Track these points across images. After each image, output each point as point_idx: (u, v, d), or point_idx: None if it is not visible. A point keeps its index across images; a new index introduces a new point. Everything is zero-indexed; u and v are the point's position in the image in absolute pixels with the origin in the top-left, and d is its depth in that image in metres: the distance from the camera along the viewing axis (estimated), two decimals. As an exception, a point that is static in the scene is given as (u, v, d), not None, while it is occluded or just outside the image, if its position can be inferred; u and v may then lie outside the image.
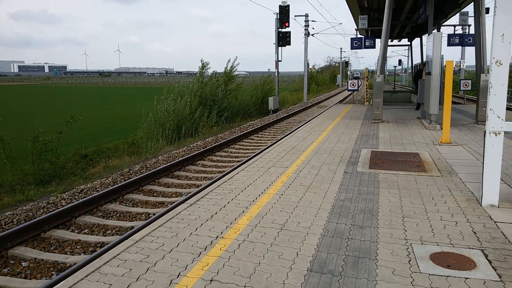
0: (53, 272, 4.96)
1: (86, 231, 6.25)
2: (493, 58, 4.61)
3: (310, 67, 48.44)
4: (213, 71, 23.79)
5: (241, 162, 9.69)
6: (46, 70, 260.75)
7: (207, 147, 12.05)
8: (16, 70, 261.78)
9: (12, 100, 44.64)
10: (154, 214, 6.67)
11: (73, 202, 7.25)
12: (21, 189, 9.27)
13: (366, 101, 22.73)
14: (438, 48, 10.24)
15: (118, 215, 6.91)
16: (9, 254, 5.36)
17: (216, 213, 4.77)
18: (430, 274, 3.30)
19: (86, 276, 3.28)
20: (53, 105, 36.97)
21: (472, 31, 16.24)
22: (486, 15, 13.00)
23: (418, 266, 3.43)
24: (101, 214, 6.92)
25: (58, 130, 11.64)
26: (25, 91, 66.53)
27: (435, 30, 14.49)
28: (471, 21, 16.03)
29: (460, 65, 29.21)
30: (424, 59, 15.72)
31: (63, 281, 3.21)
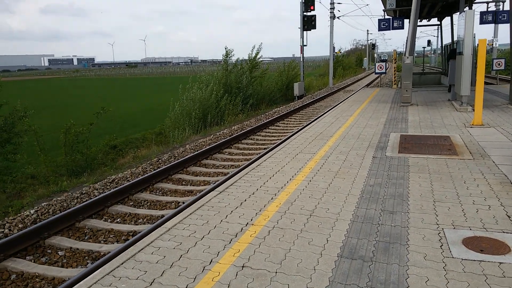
0: (88, 261, 5.13)
1: (118, 220, 6.42)
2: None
3: (336, 50, 47.68)
4: (237, 58, 23.74)
5: (268, 149, 9.70)
6: (75, 62, 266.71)
7: (233, 135, 12.11)
8: (46, 63, 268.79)
9: (44, 94, 45.96)
10: (183, 203, 6.78)
11: (105, 192, 7.45)
12: (54, 180, 9.57)
13: (394, 84, 22.26)
14: (471, 26, 9.88)
15: (148, 204, 7.06)
16: (46, 243, 5.56)
17: (245, 200, 4.82)
18: (463, 259, 3.25)
19: (122, 263, 3.39)
20: (82, 98, 37.86)
21: (506, 7, 15.58)
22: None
23: (450, 251, 3.38)
24: (132, 203, 7.09)
25: (88, 122, 11.92)
26: (55, 84, 68.34)
27: (467, 8, 13.97)
28: (504, -3, 15.38)
29: (492, 44, 28.13)
30: (455, 39, 15.21)
31: (100, 269, 3.33)
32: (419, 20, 22.96)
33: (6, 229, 5.91)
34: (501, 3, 20.58)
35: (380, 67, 19.45)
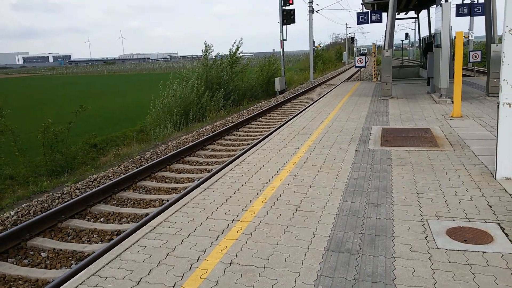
0: (72, 262, 5.04)
1: (102, 219, 6.32)
2: (506, 26, 4.50)
3: (316, 45, 47.87)
4: (217, 54, 23.61)
5: (251, 145, 9.70)
6: (51, 60, 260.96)
7: (216, 131, 12.06)
8: (21, 62, 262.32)
9: (19, 93, 44.86)
10: (167, 201, 6.72)
11: (87, 192, 7.33)
12: (34, 180, 9.37)
13: (374, 78, 22.49)
14: (447, 19, 10.03)
15: (132, 202, 6.98)
16: (28, 245, 5.45)
17: (230, 196, 4.80)
18: (447, 250, 3.30)
19: (108, 263, 3.34)
20: (59, 96, 37.11)
21: None
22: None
23: (435, 242, 3.44)
24: (115, 202, 6.99)
25: (66, 121, 11.69)
26: (31, 83, 66.79)
27: (443, 0, 14.18)
28: (480, -11, 15.64)
29: (468, 36, 28.68)
30: (432, 32, 15.43)
31: (85, 269, 3.27)
32: (396, 13, 23.21)
33: (-15, 232, 5.76)
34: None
35: (360, 61, 19.59)
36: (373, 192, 4.68)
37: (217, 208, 4.45)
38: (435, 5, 12.14)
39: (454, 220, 3.84)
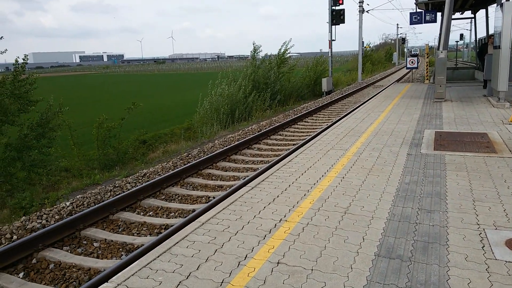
0: (122, 253, 5.21)
1: (150, 213, 6.50)
2: None
3: (365, 45, 46.90)
4: (265, 54, 23.65)
5: (298, 145, 9.63)
6: (105, 59, 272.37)
7: (262, 131, 12.08)
8: (78, 60, 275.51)
9: (76, 89, 47.16)
10: (213, 198, 6.81)
11: (137, 186, 7.56)
12: (87, 173, 9.79)
13: (426, 79, 21.72)
14: (509, 18, 9.50)
15: (179, 198, 7.13)
16: (82, 235, 5.69)
17: (278, 196, 4.79)
18: (506, 261, 3.13)
19: (158, 256, 3.42)
20: (112, 93, 38.64)
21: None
22: None
23: (493, 253, 3.26)
24: (164, 197, 7.17)
25: (118, 117, 12.13)
26: (87, 80, 70.04)
27: None
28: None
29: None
30: (491, 32, 14.68)
31: (136, 261, 3.37)
32: (452, 13, 22.28)
33: (43, 220, 6.08)
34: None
35: (412, 62, 19.02)
36: (426, 197, 4.51)
37: (264, 207, 4.45)
38: (494, 4, 11.54)
39: (514, 230, 3.63)
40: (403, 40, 65.27)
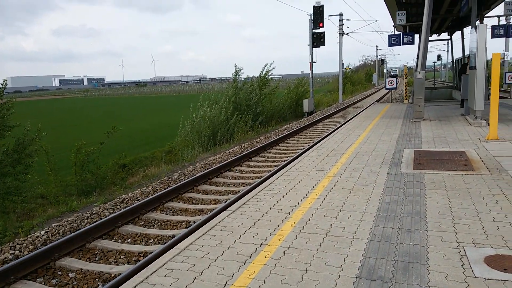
0: (99, 283, 5.04)
1: (129, 240, 6.34)
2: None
3: (345, 66, 47.79)
4: (247, 76, 23.85)
5: (279, 167, 9.61)
6: (85, 82, 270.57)
7: (244, 153, 12.04)
8: (57, 84, 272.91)
9: (54, 114, 46.54)
10: (194, 222, 6.69)
11: (115, 212, 7.39)
12: (64, 200, 9.55)
13: (405, 99, 22.15)
14: (483, 40, 9.79)
15: (159, 223, 6.98)
16: (57, 265, 5.49)
17: (258, 219, 4.72)
18: (486, 279, 3.12)
19: (135, 286, 3.30)
20: (92, 117, 38.24)
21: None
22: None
23: (472, 271, 3.25)
24: (142, 223, 7.01)
25: (97, 141, 11.95)
26: (65, 105, 69.29)
27: (478, 22, 13.91)
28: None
29: (503, 58, 27.98)
30: (466, 53, 15.12)
31: (111, 291, 3.24)
32: (429, 35, 22.96)
33: (16, 250, 5.86)
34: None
35: (391, 82, 19.38)
36: (406, 217, 4.50)
37: (245, 231, 4.37)
38: (469, 27, 11.93)
39: (492, 247, 3.63)
40: (382, 61, 66.85)
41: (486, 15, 18.55)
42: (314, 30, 25.90)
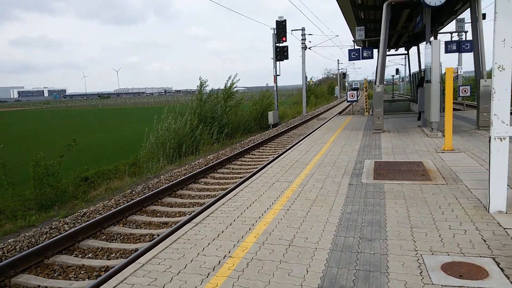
0: (58, 299, 4.87)
1: (90, 255, 6.17)
2: (495, 63, 4.60)
3: (308, 79, 48.68)
4: (212, 88, 23.91)
5: (244, 178, 9.64)
6: (46, 94, 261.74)
7: (209, 165, 12.00)
8: (16, 95, 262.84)
9: (12, 126, 44.77)
10: (158, 235, 6.59)
11: (76, 226, 7.19)
12: (23, 214, 9.20)
13: (366, 111, 22.76)
14: (437, 55, 10.26)
15: (121, 237, 6.83)
16: (12, 282, 5.27)
17: (222, 231, 4.71)
18: (442, 286, 3.23)
19: (93, 302, 3.22)
20: (53, 130, 37.05)
21: (469, 37, 16.36)
22: (483, 21, 13.07)
23: (430, 278, 3.36)
24: (104, 237, 6.84)
25: (58, 154, 11.63)
26: (24, 116, 66.82)
27: (432, 38, 14.57)
28: (467, 27, 16.15)
29: (457, 72, 29.37)
30: (422, 67, 15.78)
31: (69, 309, 3.14)
32: (387, 49, 23.82)
33: (-32, 269, 5.57)
34: (463, 33, 21.61)
35: (352, 95, 19.90)
36: (366, 226, 4.62)
37: (209, 243, 4.35)
38: (424, 42, 12.46)
39: (448, 255, 3.78)
40: (344, 74, 68.59)
41: (440, 31, 19.49)
42: (277, 44, 26.35)
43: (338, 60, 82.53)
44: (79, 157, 18.00)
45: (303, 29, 33.50)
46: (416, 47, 23.13)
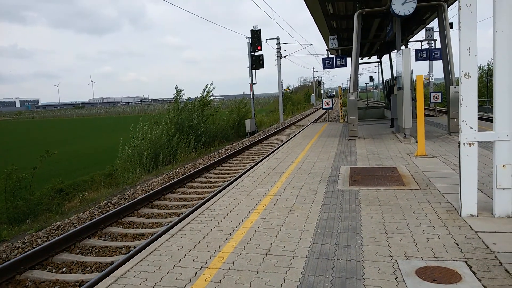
0: (31, 317, 4.73)
1: (64, 269, 6.02)
2: (462, 71, 4.74)
3: (285, 87, 49.07)
4: (188, 97, 23.84)
5: (221, 187, 9.61)
6: (18, 105, 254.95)
7: (186, 174, 11.92)
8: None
9: (-18, 138, 43.42)
10: (134, 247, 6.49)
11: (49, 240, 7.01)
12: (-7, 229, 8.91)
13: (341, 119, 23.06)
14: (408, 63, 10.52)
15: (97, 250, 6.70)
16: (-17, 300, 5.10)
17: (199, 242, 4.67)
18: (417, 290, 3.28)
19: (66, 319, 3.14)
20: (25, 141, 36.11)
21: (438, 45, 16.84)
22: (451, 29, 13.48)
23: (405, 283, 3.41)
24: (79, 250, 6.70)
25: (31, 166, 11.36)
26: (-5, 128, 64.94)
27: (403, 46, 14.94)
28: (436, 35, 16.65)
29: (429, 79, 30.14)
30: (394, 75, 16.14)
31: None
32: (360, 58, 24.31)
33: None
34: (433, 41, 22.22)
35: (327, 103, 20.14)
36: (342, 233, 4.66)
37: (185, 255, 4.31)
38: (395, 51, 12.76)
39: (423, 259, 3.85)
40: (319, 82, 69.33)
41: (410, 40, 20.00)
42: (253, 53, 26.52)
43: (313, 68, 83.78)
44: (55, 168, 17.62)
45: (278, 38, 33.82)
46: (388, 55, 23.66)
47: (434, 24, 26.25)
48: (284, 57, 35.45)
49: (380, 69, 27.64)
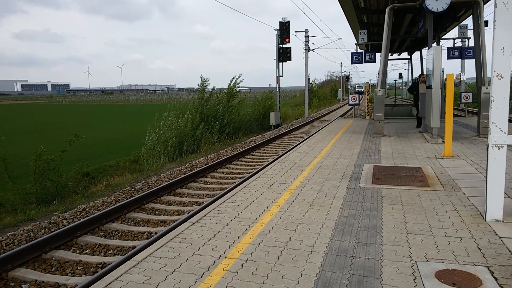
0: (54, 294, 4.90)
1: (87, 251, 6.20)
2: (494, 71, 4.61)
3: (311, 81, 48.71)
4: (213, 87, 23.93)
5: (243, 179, 9.66)
6: (49, 88, 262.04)
7: (209, 164, 12.03)
8: (19, 89, 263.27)
9: (15, 119, 44.87)
10: (156, 233, 6.62)
11: (74, 222, 7.22)
12: (22, 208, 9.25)
13: (368, 115, 22.75)
14: (439, 61, 10.27)
15: (119, 234, 6.87)
16: (10, 276, 5.31)
17: (219, 231, 4.73)
18: (436, 293, 3.24)
19: (88, 299, 3.24)
20: (55, 124, 37.11)
21: (471, 43, 16.33)
22: (485, 28, 13.07)
23: (423, 285, 3.37)
24: (102, 233, 6.88)
25: (60, 149, 11.67)
26: (27, 110, 66.95)
27: (435, 43, 14.57)
28: (470, 33, 16.14)
29: (460, 78, 29.35)
30: (425, 72, 15.78)
31: (64, 305, 3.17)
32: (390, 54, 23.85)
33: (-34, 261, 5.61)
34: (466, 39, 21.60)
35: (354, 99, 19.90)
36: (362, 231, 4.63)
37: (204, 243, 4.38)
38: (427, 48, 12.47)
39: (443, 262, 3.79)
40: (347, 77, 68.53)
41: (442, 37, 19.46)
42: (280, 45, 26.38)
43: (341, 63, 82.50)
44: (82, 152, 18.06)
45: (306, 31, 33.51)
46: (419, 52, 23.13)
47: (469, 21, 25.51)
48: (312, 50, 35.16)
49: (410, 66, 27.04)
